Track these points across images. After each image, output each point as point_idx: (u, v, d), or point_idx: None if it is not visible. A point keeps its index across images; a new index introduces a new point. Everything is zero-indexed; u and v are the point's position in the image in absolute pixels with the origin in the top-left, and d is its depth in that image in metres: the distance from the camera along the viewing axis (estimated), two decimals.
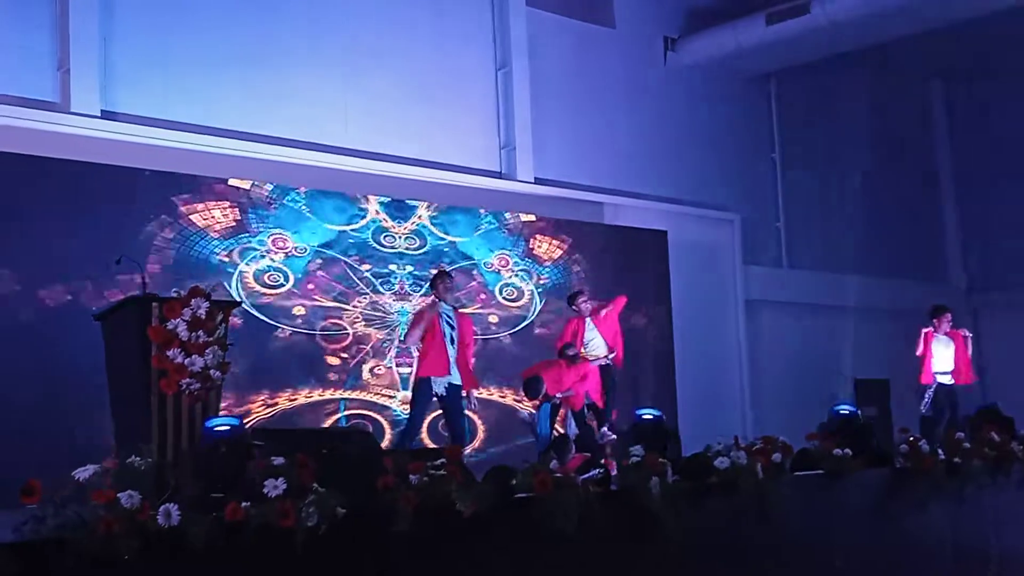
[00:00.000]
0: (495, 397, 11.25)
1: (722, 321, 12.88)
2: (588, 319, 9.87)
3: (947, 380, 10.94)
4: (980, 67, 16.64)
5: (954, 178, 18.29)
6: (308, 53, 10.91)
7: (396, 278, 10.93)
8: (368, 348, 10.63)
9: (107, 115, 9.46)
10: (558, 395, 9.09)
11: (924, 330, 11.01)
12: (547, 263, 12.17)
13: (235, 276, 9.92)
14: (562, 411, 9.23)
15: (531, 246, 12.06)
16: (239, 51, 10.40)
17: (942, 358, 10.96)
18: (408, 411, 8.90)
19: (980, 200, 17.63)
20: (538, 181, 12.45)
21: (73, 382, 8.27)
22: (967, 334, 11.16)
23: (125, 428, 5.78)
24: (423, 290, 10.61)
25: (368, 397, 10.56)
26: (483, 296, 11.57)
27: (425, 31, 11.87)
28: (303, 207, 10.48)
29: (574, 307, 9.97)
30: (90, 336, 6.24)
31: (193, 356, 5.58)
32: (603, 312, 9.94)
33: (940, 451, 8.14)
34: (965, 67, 16.83)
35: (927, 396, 10.88)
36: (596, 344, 9.85)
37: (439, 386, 8.31)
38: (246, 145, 10.21)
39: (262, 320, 10.00)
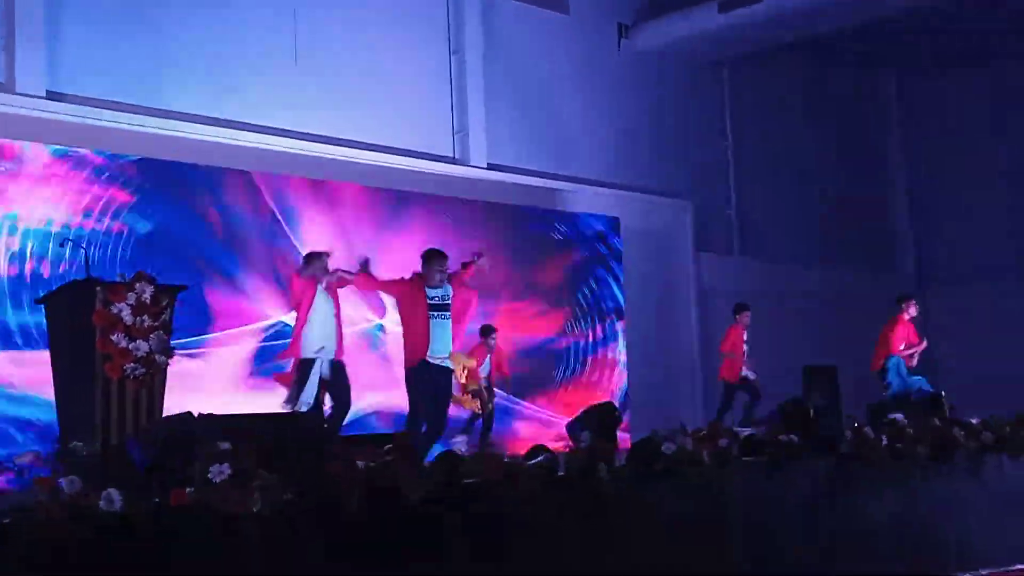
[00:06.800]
0: None
1: (674, 308, 12.98)
2: None
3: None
4: (932, 58, 16.80)
5: (905, 168, 18.43)
6: (260, 35, 10.80)
7: None
8: None
9: (52, 96, 9.31)
10: None
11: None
12: None
13: None
14: None
15: None
16: (189, 33, 10.27)
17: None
18: None
19: (930, 190, 17.78)
20: (491, 167, 12.43)
21: None
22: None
23: (69, 413, 5.72)
24: None
25: None
26: None
27: (379, 14, 11.79)
28: None
29: None
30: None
31: (137, 341, 5.54)
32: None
33: None
34: (917, 58, 16.99)
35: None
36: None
37: None
38: (195, 128, 10.10)
39: None
